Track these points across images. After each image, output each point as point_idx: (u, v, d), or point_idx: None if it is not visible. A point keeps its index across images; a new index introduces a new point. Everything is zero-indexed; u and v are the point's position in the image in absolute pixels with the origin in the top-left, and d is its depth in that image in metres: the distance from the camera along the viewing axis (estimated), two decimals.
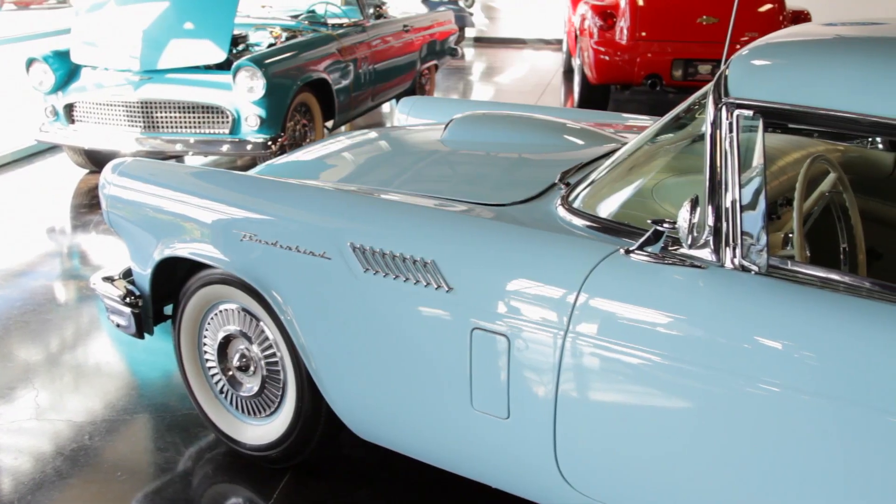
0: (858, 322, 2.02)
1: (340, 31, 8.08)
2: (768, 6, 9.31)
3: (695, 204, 2.15)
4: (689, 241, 2.19)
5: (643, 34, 9.09)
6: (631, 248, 2.29)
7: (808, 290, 2.10)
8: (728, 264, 2.19)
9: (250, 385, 3.26)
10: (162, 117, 6.85)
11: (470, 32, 18.02)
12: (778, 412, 2.06)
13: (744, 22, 8.58)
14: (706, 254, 2.22)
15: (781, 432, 2.06)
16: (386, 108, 10.54)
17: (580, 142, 3.63)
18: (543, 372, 2.38)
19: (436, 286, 2.53)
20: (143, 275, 3.39)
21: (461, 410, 2.57)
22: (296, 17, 8.46)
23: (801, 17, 9.48)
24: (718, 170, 2.22)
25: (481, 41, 18.22)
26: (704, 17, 8.93)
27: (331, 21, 8.30)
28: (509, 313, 2.41)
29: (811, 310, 2.06)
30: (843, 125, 2.14)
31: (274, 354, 3.12)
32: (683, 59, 8.90)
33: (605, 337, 2.27)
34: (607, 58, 9.17)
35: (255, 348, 3.17)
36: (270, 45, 7.48)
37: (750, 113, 2.20)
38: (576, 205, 2.65)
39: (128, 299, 3.45)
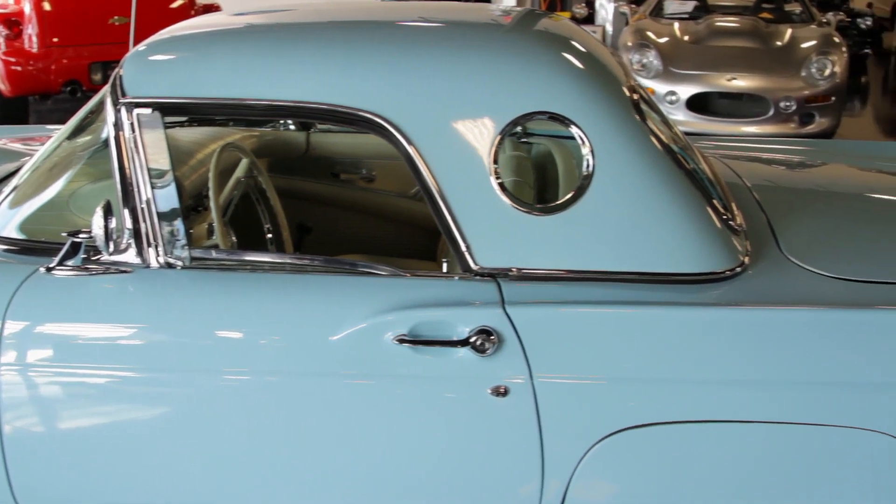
0: (287, 296, 2.13)
1: None
2: (179, 2, 9.39)
3: (108, 209, 2.09)
4: (110, 248, 2.13)
5: (55, 40, 8.72)
6: (51, 266, 2.18)
7: (233, 275, 2.16)
8: (154, 264, 2.17)
9: None
10: None
11: None
12: (251, 398, 2.12)
13: (155, 19, 8.54)
14: (131, 257, 2.18)
15: (262, 418, 2.13)
16: None
17: None
18: None
19: None
20: None
21: None
22: None
23: (211, 9, 9.67)
24: (128, 171, 2.18)
25: None
26: (116, 17, 8.77)
27: None
28: None
29: (237, 293, 2.13)
30: (239, 111, 2.22)
31: None
32: (101, 61, 8.70)
33: (44, 362, 2.16)
34: (19, 68, 8.66)
35: None
36: None
37: (149, 111, 2.18)
38: None
39: None
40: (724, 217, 2.21)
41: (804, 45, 8.07)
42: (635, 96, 2.26)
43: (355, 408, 2.10)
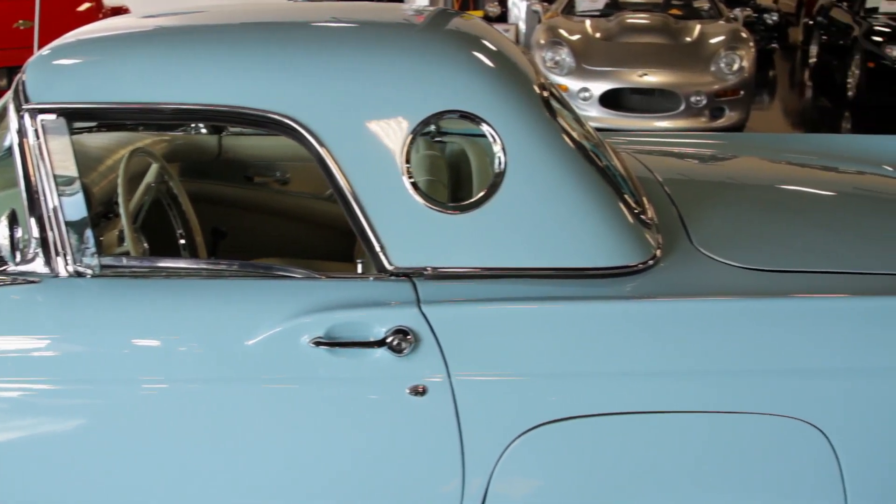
0: (201, 302, 2.11)
1: None
2: (87, 5, 9.21)
3: (13, 218, 2.05)
4: (16, 258, 2.08)
5: None
6: None
7: (146, 282, 2.13)
8: (62, 273, 2.12)
9: None
10: None
11: None
12: (170, 406, 2.10)
13: (62, 23, 8.36)
14: (39, 266, 2.13)
15: (181, 426, 2.11)
16: None
17: None
18: None
19: None
20: None
21: None
22: None
23: (119, 12, 9.50)
24: (33, 179, 2.12)
25: None
26: (21, 21, 8.57)
27: None
28: None
29: (150, 300, 2.10)
30: (148, 116, 2.19)
31: None
32: (5, 67, 8.48)
33: None
34: None
35: None
36: None
37: (54, 117, 2.13)
38: None
39: None
40: (636, 211, 2.24)
41: (713, 41, 8.23)
42: (545, 94, 2.29)
43: (274, 412, 2.09)
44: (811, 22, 13.35)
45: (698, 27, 8.56)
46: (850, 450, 2.06)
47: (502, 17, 11.82)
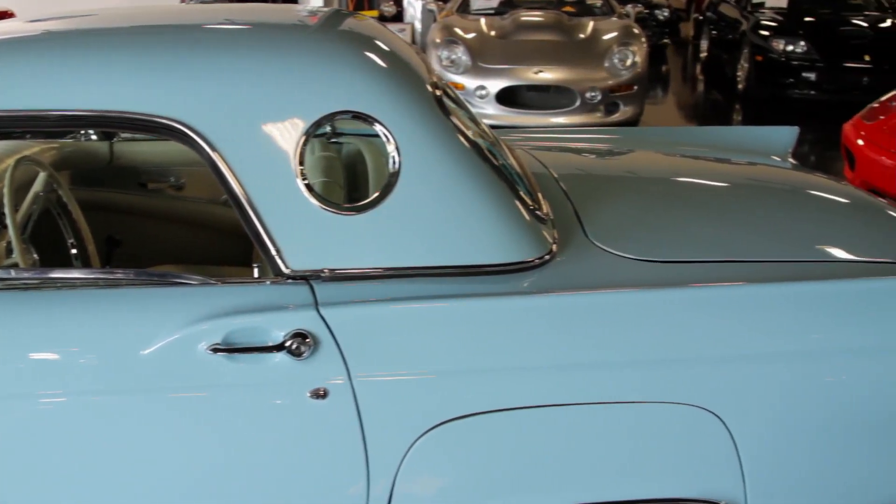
0: (94, 313, 2.05)
1: None
2: None
3: None
4: None
5: None
6: None
7: (37, 294, 2.07)
8: None
9: None
10: None
11: None
12: (70, 420, 2.04)
13: None
14: None
15: (82, 439, 2.05)
16: None
17: None
18: None
19: None
20: None
21: None
22: None
23: (5, 17, 9.25)
24: None
25: None
26: None
27: None
28: None
29: (42, 312, 2.05)
30: (32, 123, 2.11)
31: None
32: None
33: None
34: None
35: None
36: None
37: None
38: None
39: None
40: (531, 208, 2.27)
41: (606, 37, 8.37)
42: (438, 92, 2.29)
43: (175, 421, 2.05)
44: (701, 17, 13.69)
45: (591, 24, 8.69)
46: (745, 433, 2.11)
47: (398, 17, 11.82)
